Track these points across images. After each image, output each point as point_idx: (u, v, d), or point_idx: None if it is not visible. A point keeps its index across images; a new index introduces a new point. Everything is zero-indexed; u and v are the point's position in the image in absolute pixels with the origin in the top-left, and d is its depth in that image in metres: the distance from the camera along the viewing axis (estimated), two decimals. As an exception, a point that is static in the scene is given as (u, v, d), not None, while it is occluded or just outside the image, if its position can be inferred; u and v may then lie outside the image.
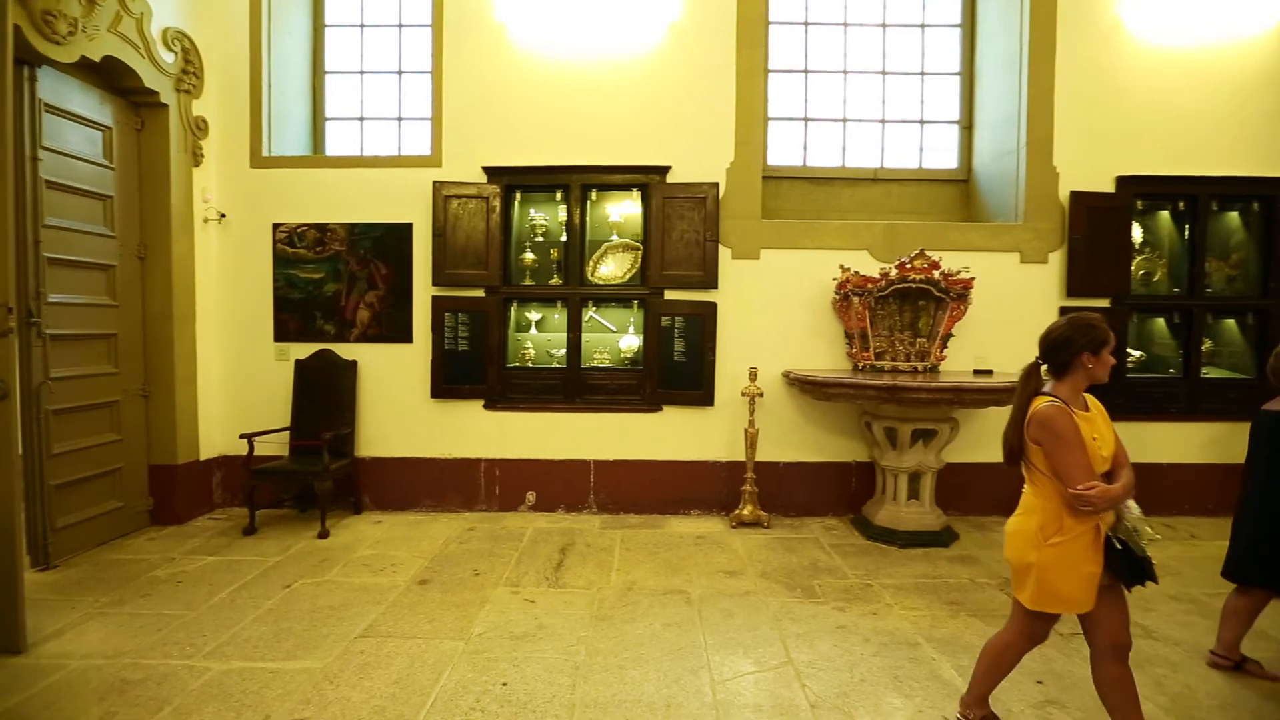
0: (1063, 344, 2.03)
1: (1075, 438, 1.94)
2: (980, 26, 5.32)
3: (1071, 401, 2.03)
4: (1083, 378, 2.06)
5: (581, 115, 4.83)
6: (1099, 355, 2.01)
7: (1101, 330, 2.03)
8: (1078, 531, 1.98)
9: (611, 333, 5.15)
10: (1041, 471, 2.02)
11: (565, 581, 3.56)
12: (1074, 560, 1.97)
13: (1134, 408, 4.84)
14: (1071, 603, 2.02)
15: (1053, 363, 2.09)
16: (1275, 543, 2.61)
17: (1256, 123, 4.82)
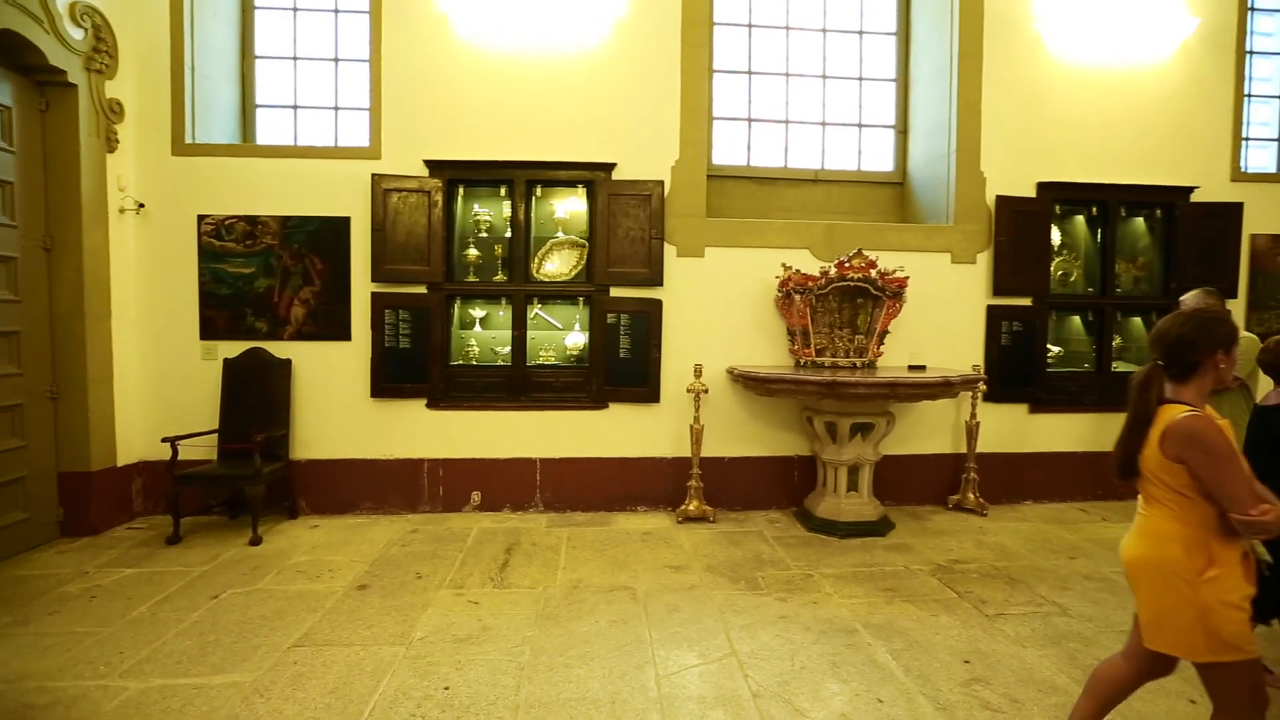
0: (1190, 343, 1.77)
1: (1229, 451, 1.69)
2: (914, 36, 5.54)
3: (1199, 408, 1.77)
4: (1210, 380, 1.81)
5: (526, 110, 4.77)
6: (1230, 353, 1.78)
7: (1230, 325, 1.81)
8: (1230, 560, 1.70)
9: (557, 330, 5.13)
10: (1182, 493, 1.74)
11: (510, 582, 3.52)
12: (1231, 594, 1.68)
13: (1053, 400, 5.14)
14: (1243, 645, 1.68)
15: (1178, 365, 1.81)
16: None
17: (1160, 137, 5.19)
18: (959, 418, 4.97)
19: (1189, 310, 1.88)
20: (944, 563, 3.85)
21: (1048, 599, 3.38)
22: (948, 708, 2.40)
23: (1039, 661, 2.75)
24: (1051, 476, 5.18)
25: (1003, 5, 5.01)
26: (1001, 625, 3.08)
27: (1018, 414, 5.12)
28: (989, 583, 3.57)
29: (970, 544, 4.19)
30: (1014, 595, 3.41)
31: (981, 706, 2.41)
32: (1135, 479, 1.87)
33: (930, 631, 2.99)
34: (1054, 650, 2.85)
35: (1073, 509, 5.05)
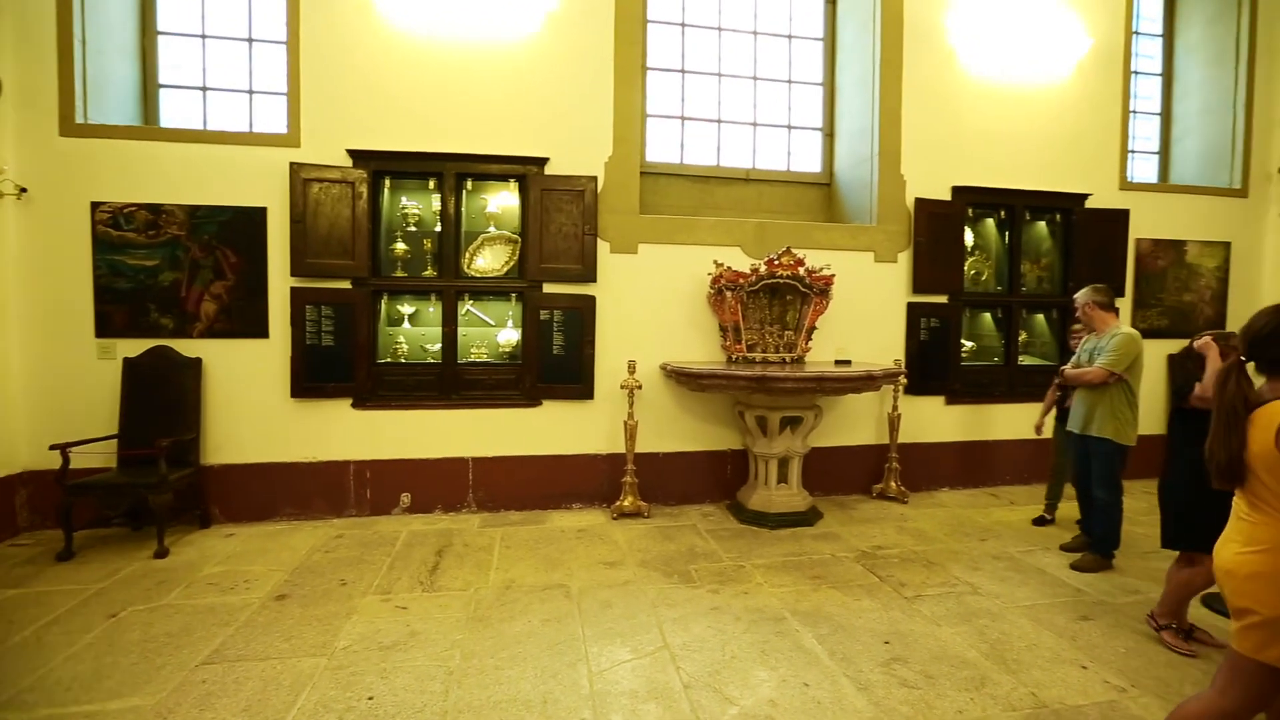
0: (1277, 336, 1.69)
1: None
2: (840, 43, 5.73)
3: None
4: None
5: (456, 101, 4.65)
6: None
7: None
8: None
9: (490, 326, 5.03)
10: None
11: (441, 585, 3.44)
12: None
13: (968, 392, 5.45)
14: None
15: (1267, 358, 1.74)
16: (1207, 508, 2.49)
17: (1059, 147, 5.59)
18: (882, 410, 5.19)
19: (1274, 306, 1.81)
20: (868, 549, 4.02)
21: (961, 579, 3.59)
22: (868, 687, 2.51)
23: (952, 638, 2.91)
24: (968, 464, 5.50)
25: (920, 19, 5.26)
26: (919, 606, 3.24)
27: (935, 405, 5.40)
28: (908, 566, 3.76)
29: (892, 530, 4.39)
30: (931, 577, 3.60)
31: (899, 684, 2.54)
32: (1240, 484, 1.73)
33: (854, 615, 3.12)
34: (965, 627, 3.03)
35: (985, 494, 5.38)
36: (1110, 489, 3.71)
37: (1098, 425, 3.67)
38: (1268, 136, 6.02)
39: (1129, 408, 3.64)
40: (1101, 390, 3.65)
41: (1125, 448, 3.66)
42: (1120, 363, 3.58)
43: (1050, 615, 3.17)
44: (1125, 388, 3.63)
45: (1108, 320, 3.74)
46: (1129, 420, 3.65)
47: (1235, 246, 6.08)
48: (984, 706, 2.40)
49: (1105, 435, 3.65)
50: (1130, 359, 3.59)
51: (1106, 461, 3.70)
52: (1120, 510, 3.74)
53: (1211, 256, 6.04)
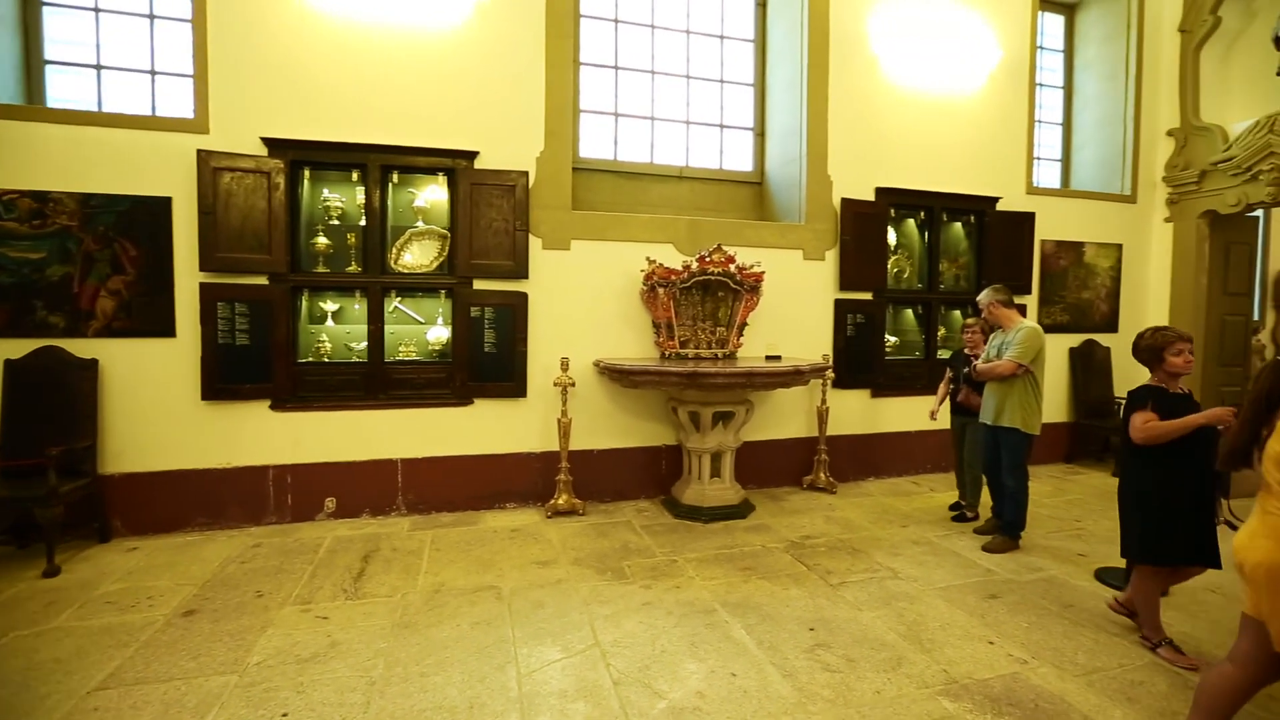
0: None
1: None
2: (770, 45, 5.85)
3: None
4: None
5: (381, 90, 4.48)
6: None
7: None
8: None
9: (419, 324, 4.89)
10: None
11: (366, 591, 3.32)
12: None
13: (892, 385, 5.70)
14: None
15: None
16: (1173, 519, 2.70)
17: (972, 152, 5.90)
18: (812, 404, 5.35)
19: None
20: (797, 539, 4.14)
21: (883, 565, 3.75)
22: (793, 674, 2.58)
23: (873, 622, 3.04)
24: (892, 454, 5.75)
25: (845, 26, 5.43)
26: (843, 593, 3.37)
27: (862, 398, 5.61)
28: (835, 555, 3.89)
29: (820, 520, 4.54)
30: (855, 564, 3.75)
31: (822, 669, 2.63)
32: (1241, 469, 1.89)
33: (781, 604, 3.20)
34: (885, 610, 3.17)
35: (908, 482, 5.64)
36: (1018, 476, 3.96)
37: (1008, 416, 3.90)
38: (1153, 148, 6.55)
39: (1035, 399, 3.89)
40: (1010, 383, 3.88)
41: (1032, 436, 3.91)
42: (1027, 354, 3.81)
43: (963, 595, 3.35)
44: (1031, 380, 3.88)
45: (1012, 317, 3.98)
46: (1035, 410, 3.90)
47: (1126, 248, 6.59)
48: (899, 686, 2.52)
49: (1014, 425, 3.89)
50: (1035, 351, 3.84)
51: (1015, 450, 3.94)
52: (1027, 495, 4.00)
53: (1106, 257, 6.52)
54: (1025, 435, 3.90)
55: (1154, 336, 2.79)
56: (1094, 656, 2.77)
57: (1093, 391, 6.44)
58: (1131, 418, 2.77)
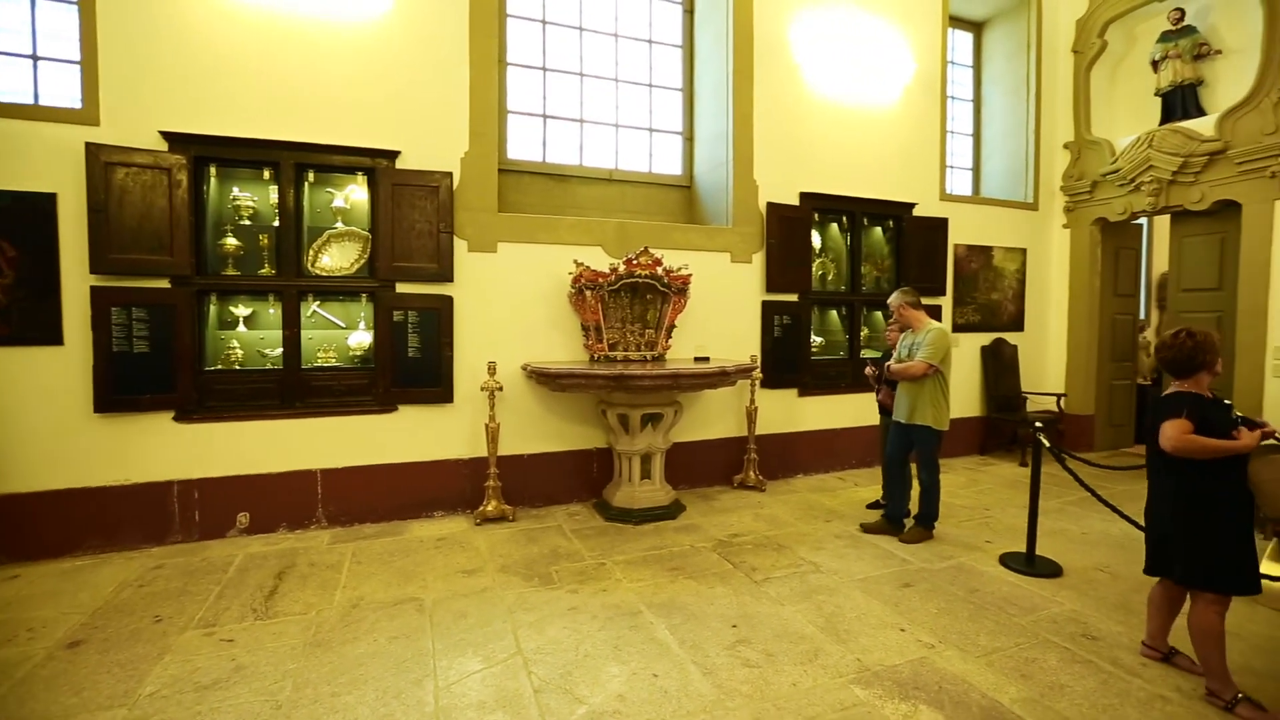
0: None
1: None
2: (698, 51, 5.94)
3: None
4: None
5: (295, 84, 4.29)
6: None
7: None
8: None
9: (340, 329, 4.71)
10: None
11: (278, 610, 3.16)
12: None
13: (817, 384, 5.88)
14: None
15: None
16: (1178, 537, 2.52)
17: (891, 160, 6.17)
18: (741, 404, 5.46)
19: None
20: (725, 538, 4.22)
21: (806, 559, 3.86)
22: (713, 671, 2.63)
23: (793, 616, 3.13)
24: (818, 451, 5.93)
25: (768, 34, 5.58)
26: (767, 588, 3.45)
27: (789, 398, 5.77)
28: (761, 551, 3.98)
29: (749, 518, 4.64)
30: (780, 560, 3.85)
31: (742, 664, 2.68)
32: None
33: (706, 603, 3.25)
34: (806, 604, 3.26)
35: (834, 478, 5.83)
36: (930, 470, 4.16)
37: (920, 414, 4.09)
38: (1051, 158, 7.03)
39: (944, 397, 4.09)
40: (922, 382, 4.08)
41: (941, 432, 4.11)
42: (936, 355, 4.01)
43: (879, 586, 3.50)
44: (940, 379, 4.08)
45: (921, 318, 4.18)
46: (944, 408, 4.10)
47: (1030, 252, 7.04)
48: (815, 677, 2.60)
49: (926, 423, 4.08)
50: (944, 351, 4.04)
51: (927, 446, 4.13)
52: (939, 488, 4.20)
53: (1012, 260, 6.95)
54: (936, 431, 4.10)
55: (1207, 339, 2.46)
56: (994, 637, 2.94)
57: (1002, 387, 6.84)
58: (1163, 426, 2.46)
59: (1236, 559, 2.42)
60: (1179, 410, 2.45)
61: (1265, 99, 5.22)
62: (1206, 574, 2.44)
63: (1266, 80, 5.22)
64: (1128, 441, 7.13)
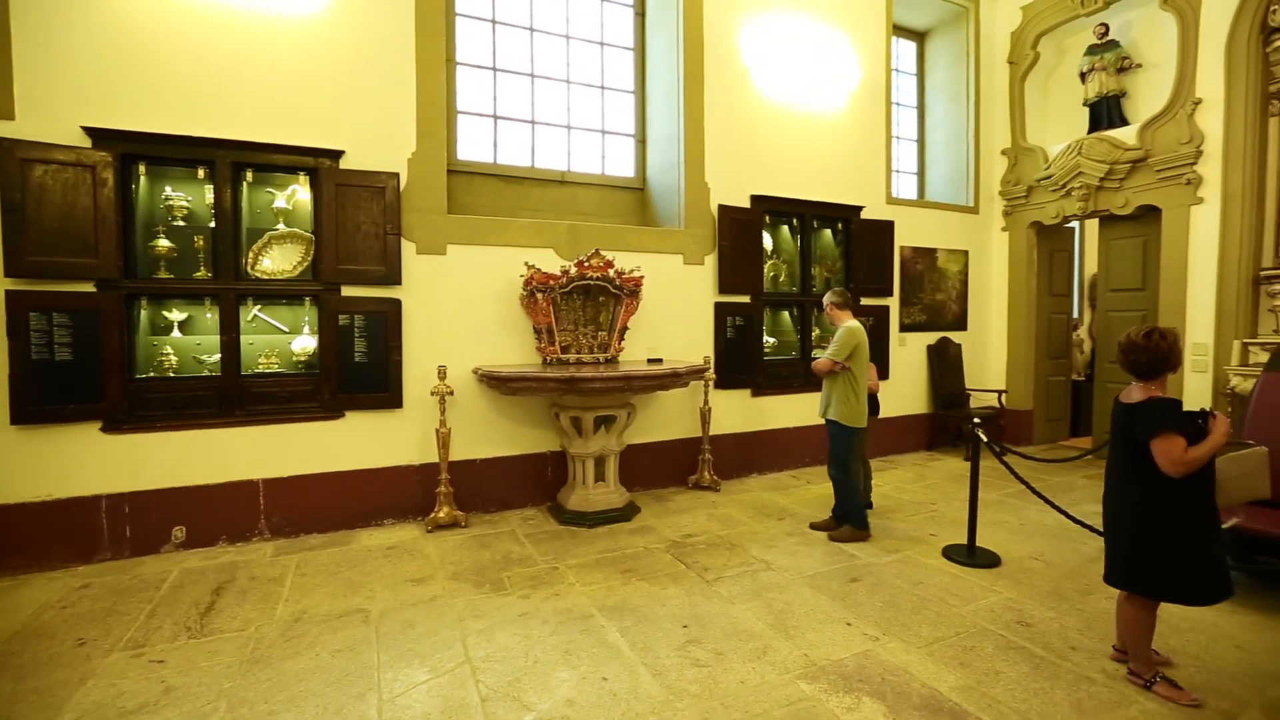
0: None
1: None
2: (649, 53, 5.97)
3: None
4: None
5: (233, 80, 4.13)
6: None
7: None
8: None
9: (283, 333, 4.56)
10: None
11: (214, 628, 3.03)
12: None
13: (770, 384, 5.97)
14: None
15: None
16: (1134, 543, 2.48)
17: (839, 164, 6.32)
18: (695, 405, 5.51)
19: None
20: (678, 538, 4.24)
21: (758, 558, 3.92)
22: (663, 672, 2.64)
23: (743, 614, 3.17)
24: (773, 450, 6.02)
25: (718, 38, 5.65)
26: (718, 588, 3.48)
27: (743, 398, 5.85)
28: (714, 551, 4.02)
29: (703, 518, 4.68)
30: (732, 559, 3.89)
31: (692, 664, 2.70)
32: None
33: (658, 604, 3.26)
34: (756, 602, 3.31)
35: (788, 476, 5.93)
36: (841, 467, 4.20)
37: (833, 410, 4.18)
38: (990, 164, 7.32)
39: (853, 394, 4.13)
40: (834, 379, 4.16)
41: (853, 429, 4.14)
42: (840, 352, 4.10)
43: (828, 581, 3.57)
44: (850, 376, 4.13)
45: (842, 318, 4.24)
46: (854, 405, 4.13)
47: (972, 254, 7.31)
48: (763, 673, 2.64)
49: (835, 418, 4.17)
50: (849, 349, 4.10)
51: (836, 442, 4.20)
52: (851, 485, 4.21)
53: (955, 262, 7.20)
54: (847, 428, 4.14)
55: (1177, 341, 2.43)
56: (935, 628, 3.03)
57: (947, 384, 7.08)
58: (1158, 445, 2.34)
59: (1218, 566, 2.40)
60: (1165, 424, 2.34)
61: (1180, 110, 5.55)
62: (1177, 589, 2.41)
63: (1181, 93, 5.55)
64: (1064, 435, 7.46)
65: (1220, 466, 2.50)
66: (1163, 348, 2.43)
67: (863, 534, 4.23)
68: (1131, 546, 2.51)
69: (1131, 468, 2.50)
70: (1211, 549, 2.41)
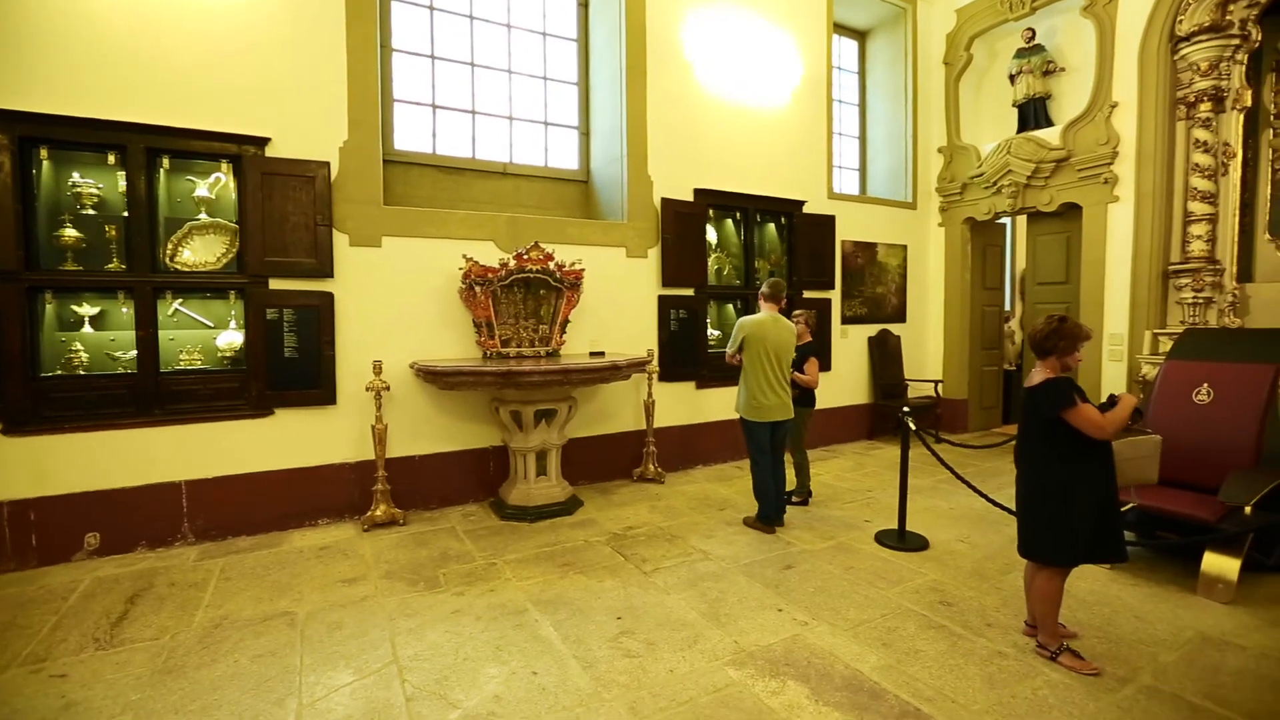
0: None
1: None
2: (592, 45, 5.92)
3: None
4: None
5: (146, 61, 3.91)
6: None
7: None
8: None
9: (207, 328, 4.36)
10: None
11: (125, 638, 2.89)
12: None
13: (714, 377, 6.02)
14: None
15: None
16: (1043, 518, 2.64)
17: (782, 160, 6.41)
18: (639, 398, 5.53)
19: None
20: (619, 531, 4.25)
21: (696, 548, 3.96)
22: (593, 664, 2.64)
23: (677, 604, 3.20)
24: (716, 442, 6.09)
25: (661, 31, 5.65)
26: (655, 579, 3.51)
27: (687, 390, 5.90)
28: (653, 542, 4.05)
29: (645, 510, 4.70)
30: (671, 550, 3.92)
31: (623, 655, 2.71)
32: None
33: (594, 597, 3.27)
34: (690, 592, 3.35)
35: (731, 467, 6.01)
36: (751, 458, 4.27)
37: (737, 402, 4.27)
38: (927, 162, 7.55)
39: (745, 387, 4.20)
40: (742, 372, 4.23)
41: (748, 422, 4.18)
42: (731, 344, 4.19)
43: (763, 569, 3.64)
44: (744, 369, 4.19)
45: (762, 310, 4.28)
46: (742, 396, 4.19)
47: (910, 248, 7.54)
48: (693, 662, 2.67)
49: (737, 410, 4.25)
50: (736, 342, 4.16)
51: (745, 434, 4.27)
52: (757, 479, 4.23)
53: (895, 256, 7.41)
54: (744, 421, 4.20)
55: (1076, 327, 2.62)
56: (862, 610, 3.13)
57: (887, 375, 7.29)
58: (1073, 417, 2.52)
59: (1113, 530, 2.61)
60: (1068, 397, 2.52)
61: (1099, 113, 5.83)
62: (1087, 550, 2.60)
63: (1100, 97, 5.84)
64: (996, 422, 7.79)
65: (1117, 448, 2.66)
66: (1062, 330, 2.62)
67: (761, 527, 4.23)
68: (1040, 517, 2.68)
69: (1038, 445, 2.68)
70: (1110, 517, 2.61)
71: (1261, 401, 3.61)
